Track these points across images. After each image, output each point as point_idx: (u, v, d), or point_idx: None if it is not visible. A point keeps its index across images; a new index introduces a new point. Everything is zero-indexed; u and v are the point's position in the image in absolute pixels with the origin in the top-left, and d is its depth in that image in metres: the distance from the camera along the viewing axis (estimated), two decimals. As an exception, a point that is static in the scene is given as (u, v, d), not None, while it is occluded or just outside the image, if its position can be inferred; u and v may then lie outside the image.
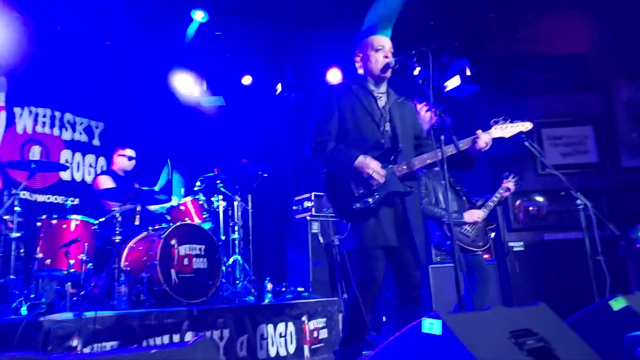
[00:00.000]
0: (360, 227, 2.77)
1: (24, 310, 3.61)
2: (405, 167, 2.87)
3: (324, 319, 4.56)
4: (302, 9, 5.93)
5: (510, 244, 6.24)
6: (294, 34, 6.42)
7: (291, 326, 4.23)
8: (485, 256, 4.64)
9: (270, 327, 4.04)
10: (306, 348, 4.29)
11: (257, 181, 5.62)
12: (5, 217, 4.26)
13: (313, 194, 5.83)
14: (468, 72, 6.21)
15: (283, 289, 5.16)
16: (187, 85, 6.75)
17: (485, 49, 6.49)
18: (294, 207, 6.02)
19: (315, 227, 5.70)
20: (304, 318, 4.36)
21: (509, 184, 4.43)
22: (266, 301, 4.56)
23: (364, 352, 2.91)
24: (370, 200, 2.76)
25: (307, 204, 5.85)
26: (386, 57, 2.95)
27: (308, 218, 5.71)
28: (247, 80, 6.86)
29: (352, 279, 2.84)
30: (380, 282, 2.78)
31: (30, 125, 5.85)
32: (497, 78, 6.57)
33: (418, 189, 3.11)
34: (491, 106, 6.31)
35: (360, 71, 3.06)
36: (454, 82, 6.30)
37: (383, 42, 2.99)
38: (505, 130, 3.03)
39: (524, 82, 6.58)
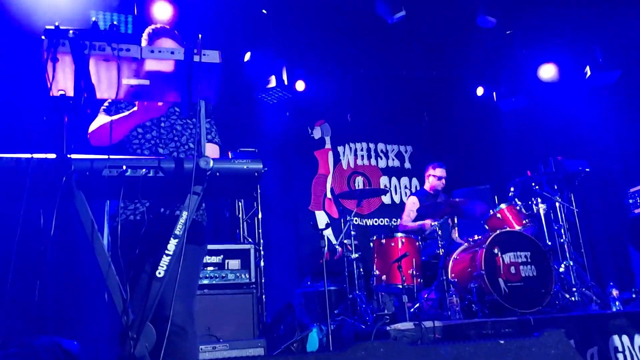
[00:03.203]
0: None
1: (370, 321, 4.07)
2: None
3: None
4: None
5: None
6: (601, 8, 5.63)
7: (653, 338, 3.58)
8: None
9: (626, 338, 3.51)
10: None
11: (579, 178, 5.08)
12: (345, 241, 4.96)
13: (653, 182, 4.91)
14: None
15: (633, 296, 4.45)
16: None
17: None
18: (630, 201, 5.17)
19: (663, 221, 4.77)
20: (669, 329, 3.63)
21: None
22: (614, 309, 4.01)
23: None
24: None
25: (646, 195, 4.96)
26: None
27: (652, 211, 4.83)
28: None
29: None
30: None
31: (352, 159, 6.75)
32: None
33: None
34: None
35: None
36: None
37: None
38: None
39: None
